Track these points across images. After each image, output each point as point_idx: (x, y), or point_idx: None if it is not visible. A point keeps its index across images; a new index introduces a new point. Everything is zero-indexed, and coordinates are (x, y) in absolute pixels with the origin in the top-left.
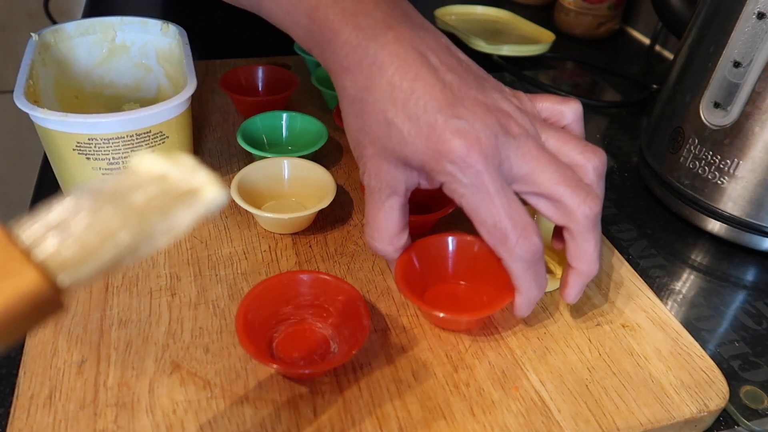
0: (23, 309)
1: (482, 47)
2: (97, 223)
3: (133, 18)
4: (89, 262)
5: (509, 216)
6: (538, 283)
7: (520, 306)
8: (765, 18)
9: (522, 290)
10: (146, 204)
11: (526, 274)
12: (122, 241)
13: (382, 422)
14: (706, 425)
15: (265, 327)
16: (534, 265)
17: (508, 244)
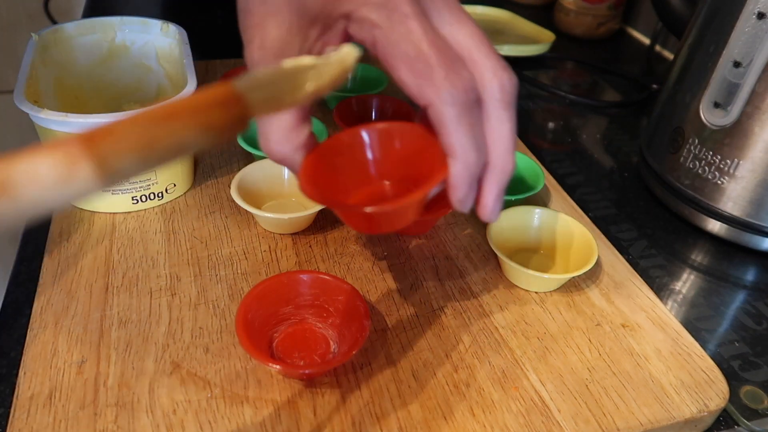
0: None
1: None
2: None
3: (133, 18)
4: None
5: (434, 44)
6: (475, 139)
7: (456, 178)
8: (765, 18)
9: (457, 151)
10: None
11: (461, 124)
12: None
13: (382, 422)
14: (706, 425)
15: (265, 327)
16: (469, 111)
17: (435, 78)
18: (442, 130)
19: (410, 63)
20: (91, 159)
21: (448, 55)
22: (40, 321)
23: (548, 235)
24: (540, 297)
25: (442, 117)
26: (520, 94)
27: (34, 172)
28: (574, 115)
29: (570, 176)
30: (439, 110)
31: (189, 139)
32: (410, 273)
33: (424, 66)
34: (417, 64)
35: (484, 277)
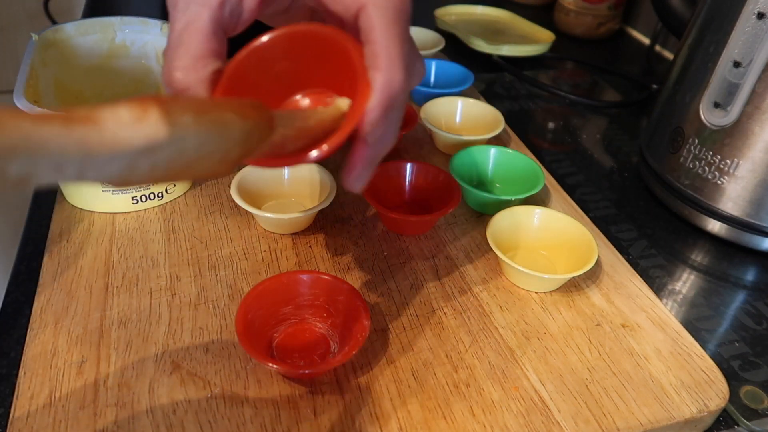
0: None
1: (482, 47)
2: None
3: (132, 18)
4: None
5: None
6: (405, 54)
7: (375, 95)
8: (765, 18)
9: (383, 62)
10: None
11: (392, 32)
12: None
13: (382, 422)
14: (706, 425)
15: (265, 327)
16: (402, 22)
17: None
18: (371, 34)
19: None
20: (159, 108)
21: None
22: (40, 321)
23: (548, 235)
24: (540, 297)
25: (373, 20)
26: (520, 93)
27: (115, 111)
28: (574, 115)
29: (570, 176)
30: (370, 12)
31: (230, 119)
32: (410, 273)
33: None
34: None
35: (484, 277)
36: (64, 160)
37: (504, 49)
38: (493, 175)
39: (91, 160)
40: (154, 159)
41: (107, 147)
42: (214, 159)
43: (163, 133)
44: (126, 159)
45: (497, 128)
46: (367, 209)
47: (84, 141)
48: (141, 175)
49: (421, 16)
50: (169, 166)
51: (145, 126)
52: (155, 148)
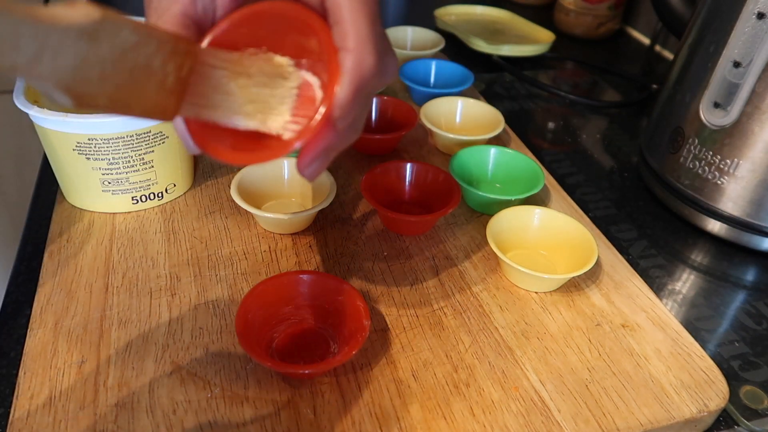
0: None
1: (482, 47)
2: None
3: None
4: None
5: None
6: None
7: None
8: (765, 18)
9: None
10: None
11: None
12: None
13: (382, 422)
14: (706, 425)
15: (265, 327)
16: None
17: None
18: (339, 15)
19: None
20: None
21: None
22: (40, 321)
23: (548, 235)
24: (540, 297)
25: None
26: (520, 93)
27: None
28: (574, 115)
29: (570, 176)
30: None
31: (157, 28)
32: (410, 273)
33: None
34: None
35: (483, 276)
36: (20, 28)
37: (504, 49)
38: (493, 175)
39: (45, 35)
40: (98, 52)
41: (54, 19)
42: (154, 78)
43: (98, 14)
44: (73, 41)
45: (497, 128)
46: (367, 209)
47: (32, 12)
48: (92, 78)
49: (421, 16)
50: (115, 71)
51: (82, 8)
52: (94, 29)
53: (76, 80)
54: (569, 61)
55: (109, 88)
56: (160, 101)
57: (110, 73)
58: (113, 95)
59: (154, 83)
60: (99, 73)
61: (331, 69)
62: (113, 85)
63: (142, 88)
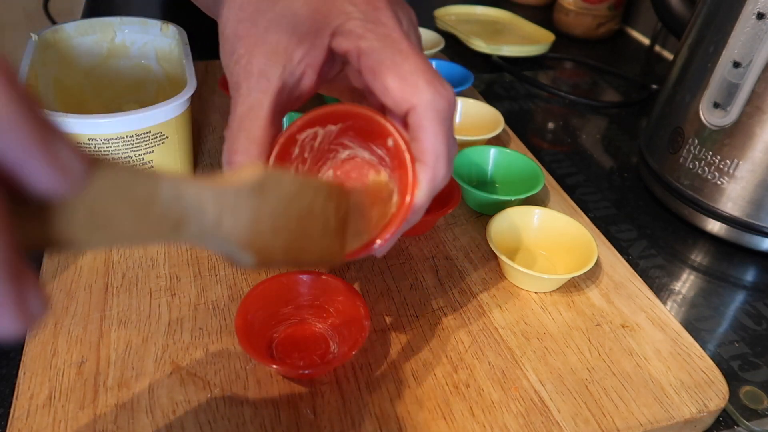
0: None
1: (482, 47)
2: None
3: (132, 18)
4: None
5: (419, 54)
6: (449, 151)
7: (422, 185)
8: (765, 18)
9: (429, 157)
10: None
11: (440, 131)
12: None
13: (382, 422)
14: (706, 425)
15: (265, 327)
16: (447, 122)
17: (420, 84)
18: (420, 133)
19: (397, 68)
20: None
21: (431, 66)
22: (40, 321)
23: (548, 235)
24: (540, 297)
25: (423, 120)
26: (519, 94)
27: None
28: (574, 115)
29: (570, 176)
30: (420, 113)
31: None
32: (410, 273)
33: (411, 72)
34: (403, 70)
35: (483, 277)
36: (202, 194)
37: (504, 50)
38: (492, 175)
39: (221, 197)
40: (268, 203)
41: (228, 183)
42: (318, 222)
43: (260, 170)
44: (246, 197)
45: (497, 128)
46: None
47: (208, 179)
48: (266, 231)
49: (421, 17)
50: (285, 220)
51: (247, 168)
52: (262, 186)
53: (254, 235)
54: (569, 62)
55: (282, 239)
56: (327, 244)
57: (280, 223)
58: (287, 246)
59: (319, 228)
60: (271, 225)
61: (409, 178)
62: (285, 234)
63: (309, 234)
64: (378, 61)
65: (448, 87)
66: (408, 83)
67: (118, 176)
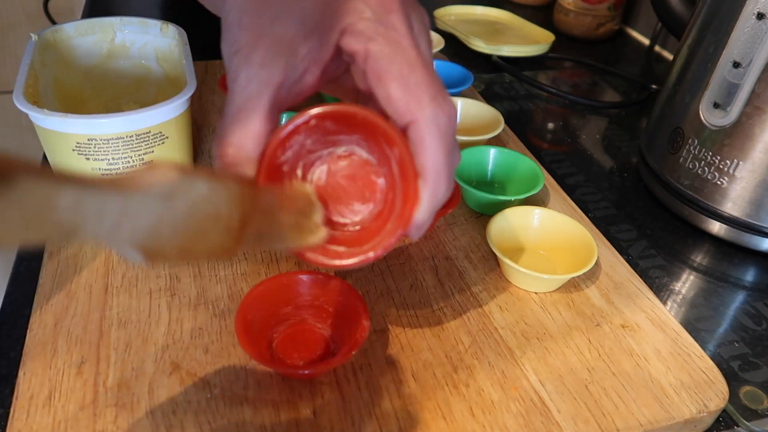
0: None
1: (482, 47)
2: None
3: (132, 18)
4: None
5: (427, 65)
6: (450, 168)
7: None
8: (765, 18)
9: (430, 175)
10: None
11: (440, 147)
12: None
13: (382, 422)
14: (706, 426)
15: (265, 327)
16: (449, 138)
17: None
18: (421, 149)
19: (403, 79)
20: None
21: (437, 79)
22: (40, 321)
23: (548, 236)
24: (540, 297)
25: (425, 135)
26: (519, 94)
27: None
28: (574, 115)
29: (570, 176)
30: (422, 128)
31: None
32: (410, 273)
33: (416, 84)
34: (409, 82)
35: (483, 277)
36: (104, 200)
37: (503, 50)
38: (492, 175)
39: (125, 203)
40: (173, 210)
41: (135, 186)
42: (220, 224)
43: (174, 174)
44: (152, 203)
45: (497, 128)
46: None
47: (115, 183)
48: (165, 235)
49: None
50: (186, 224)
51: (160, 170)
52: (171, 192)
53: (150, 239)
54: (569, 62)
55: (180, 241)
56: (224, 243)
57: (182, 226)
58: (182, 246)
59: (220, 228)
60: (171, 229)
61: (409, 192)
62: (183, 236)
63: (208, 234)
64: (384, 67)
65: (451, 103)
66: (412, 95)
67: (19, 184)
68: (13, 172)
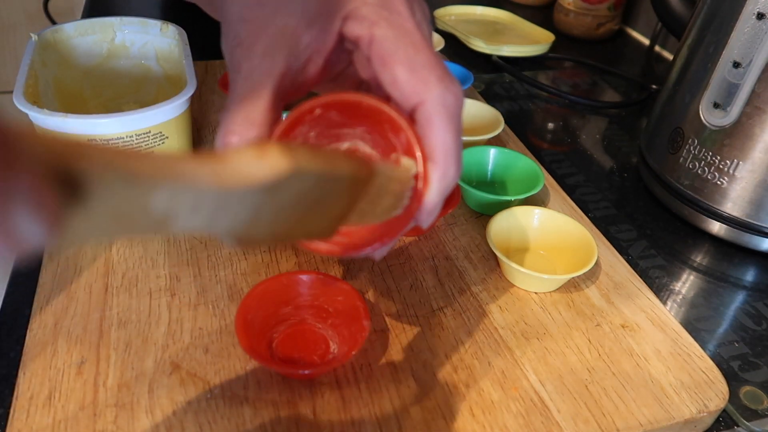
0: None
1: (482, 47)
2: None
3: (132, 18)
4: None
5: (431, 48)
6: (458, 149)
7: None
8: (765, 18)
9: (439, 156)
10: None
11: (449, 127)
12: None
13: (382, 422)
14: (706, 426)
15: (265, 327)
16: (456, 119)
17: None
18: (429, 130)
19: (409, 61)
20: (279, 146)
21: (442, 61)
22: (40, 321)
23: (548, 236)
24: (540, 297)
25: (432, 116)
26: (519, 94)
27: (239, 151)
28: (574, 115)
29: (570, 176)
30: (429, 109)
31: (339, 159)
32: (410, 273)
33: (422, 66)
34: (415, 63)
35: (483, 277)
36: (201, 196)
37: (503, 50)
38: (492, 175)
39: (224, 198)
40: (277, 201)
41: (237, 180)
42: (324, 212)
43: (286, 165)
44: (254, 197)
45: (497, 128)
46: None
47: (216, 173)
48: (264, 225)
49: None
50: (290, 213)
51: (269, 160)
52: (279, 183)
53: (248, 229)
54: (569, 62)
55: (277, 228)
56: (325, 228)
57: (282, 217)
58: (278, 232)
59: (323, 214)
60: (271, 219)
61: (420, 175)
62: (282, 225)
63: (310, 221)
64: (390, 51)
65: (458, 84)
66: (419, 77)
67: (109, 193)
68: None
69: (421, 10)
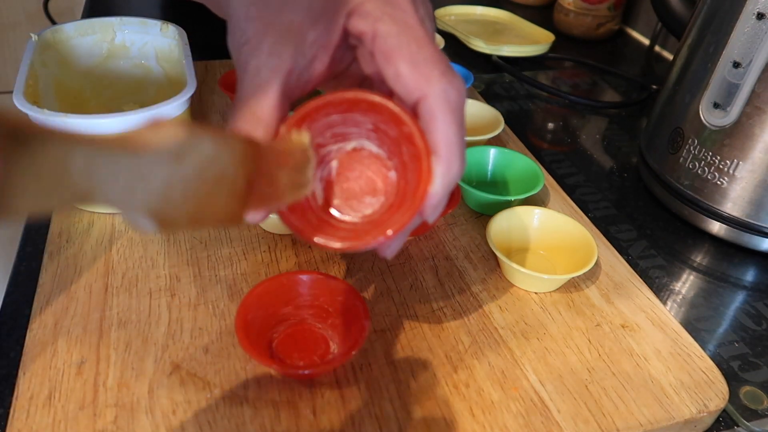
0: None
1: (482, 47)
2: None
3: (132, 18)
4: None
5: (433, 43)
6: (461, 143)
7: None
8: (765, 18)
9: (443, 150)
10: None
11: (453, 121)
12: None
13: (382, 422)
14: (706, 426)
15: (265, 327)
16: (459, 113)
17: (433, 73)
18: (432, 124)
19: (412, 56)
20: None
21: (444, 57)
22: (40, 321)
23: (548, 236)
24: (540, 297)
25: (435, 110)
26: (519, 94)
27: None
28: (574, 115)
29: (570, 176)
30: (432, 103)
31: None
32: (410, 273)
33: (425, 61)
34: (418, 58)
35: (483, 277)
36: (116, 163)
37: (504, 50)
38: (492, 175)
39: (135, 165)
40: (182, 172)
41: (141, 145)
42: (227, 187)
43: (182, 133)
44: (161, 167)
45: (497, 129)
46: None
47: (123, 140)
48: (176, 200)
49: None
50: (195, 187)
51: (166, 128)
52: (179, 150)
53: (162, 204)
54: (569, 62)
55: (190, 207)
56: (231, 208)
57: (191, 190)
58: (192, 213)
59: (226, 192)
60: (182, 193)
61: (422, 169)
62: (194, 200)
63: (216, 199)
64: (393, 45)
65: (460, 79)
66: (422, 71)
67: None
68: (29, 135)
69: (424, 7)
